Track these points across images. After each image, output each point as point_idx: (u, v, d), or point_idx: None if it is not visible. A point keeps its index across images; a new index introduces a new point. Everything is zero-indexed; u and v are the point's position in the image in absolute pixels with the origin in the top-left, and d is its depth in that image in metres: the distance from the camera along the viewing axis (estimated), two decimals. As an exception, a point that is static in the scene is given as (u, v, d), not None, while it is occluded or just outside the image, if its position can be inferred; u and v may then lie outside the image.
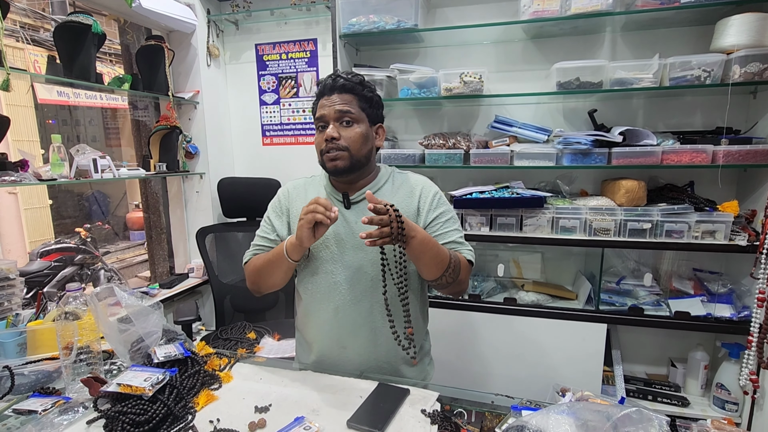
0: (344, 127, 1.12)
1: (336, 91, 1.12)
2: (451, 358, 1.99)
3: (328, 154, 1.11)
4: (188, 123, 2.36)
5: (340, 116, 1.11)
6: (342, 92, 1.12)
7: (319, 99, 1.16)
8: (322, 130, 1.13)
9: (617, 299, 1.89)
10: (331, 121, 1.11)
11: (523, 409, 0.99)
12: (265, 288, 1.21)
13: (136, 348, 1.13)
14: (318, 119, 1.15)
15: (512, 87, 2.04)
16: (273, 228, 1.23)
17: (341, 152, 1.11)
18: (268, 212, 1.26)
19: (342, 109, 1.11)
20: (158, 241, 2.59)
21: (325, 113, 1.12)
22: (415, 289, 1.22)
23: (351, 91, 1.13)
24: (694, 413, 1.79)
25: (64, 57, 1.66)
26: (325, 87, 1.14)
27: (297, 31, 2.36)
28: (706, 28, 1.77)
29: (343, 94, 1.12)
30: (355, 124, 1.12)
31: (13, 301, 1.47)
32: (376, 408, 0.98)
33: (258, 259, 1.21)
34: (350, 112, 1.11)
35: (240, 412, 0.97)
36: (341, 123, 1.12)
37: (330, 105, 1.12)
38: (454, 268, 1.08)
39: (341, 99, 1.12)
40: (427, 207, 1.18)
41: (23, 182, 1.42)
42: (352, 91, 1.13)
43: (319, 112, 1.14)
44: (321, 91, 1.15)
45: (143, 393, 0.92)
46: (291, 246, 1.08)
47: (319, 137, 1.14)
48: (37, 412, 0.96)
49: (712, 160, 1.67)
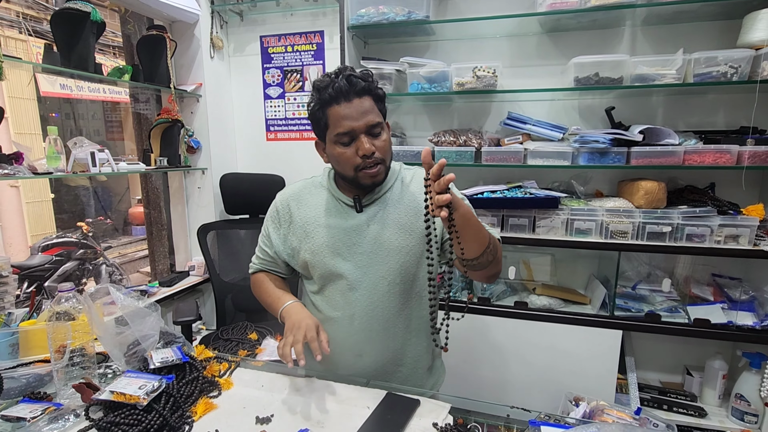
0: (374, 138, 1.02)
1: (355, 95, 0.99)
2: (460, 363, 1.93)
3: (367, 171, 1.02)
4: (190, 116, 2.30)
5: (370, 129, 1.01)
6: (361, 95, 1.00)
7: (330, 105, 1.01)
8: (348, 143, 1.02)
9: (633, 305, 1.82)
10: (362, 135, 1.01)
11: (542, 425, 0.92)
12: None
13: (132, 351, 1.07)
14: (344, 134, 1.00)
15: (526, 83, 1.97)
16: (271, 243, 1.20)
17: (380, 166, 1.04)
18: (267, 223, 1.22)
19: (373, 122, 1.01)
20: (159, 238, 2.54)
21: (354, 127, 0.99)
22: None
23: (369, 92, 1.01)
24: (712, 424, 1.73)
25: (61, 45, 1.60)
26: (340, 91, 0.99)
27: (303, 23, 2.29)
28: (732, 23, 1.69)
29: (363, 97, 1.00)
30: (382, 131, 1.04)
31: (5, 299, 1.41)
32: (384, 420, 0.92)
33: (262, 288, 1.22)
34: (380, 123, 1.02)
35: (240, 423, 0.92)
36: (370, 134, 1.02)
37: (357, 117, 0.99)
38: (494, 245, 0.99)
39: (364, 106, 1.00)
40: None
41: (16, 175, 1.36)
42: (370, 91, 1.02)
43: (343, 125, 0.99)
44: (334, 95, 0.99)
45: (138, 402, 0.87)
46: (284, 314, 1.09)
47: (349, 152, 1.02)
48: (25, 420, 0.91)
49: (737, 161, 1.60)
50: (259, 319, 2.19)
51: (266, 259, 1.22)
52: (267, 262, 1.23)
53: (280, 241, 1.18)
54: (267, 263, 1.23)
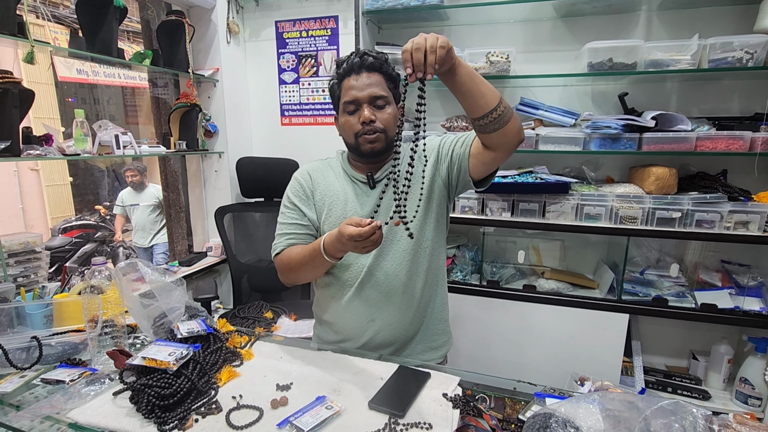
0: (377, 110, 1.09)
1: (365, 69, 1.08)
2: (469, 344, 1.98)
3: (366, 137, 1.09)
4: (207, 101, 2.34)
5: (373, 100, 1.09)
6: (371, 71, 1.09)
7: (343, 78, 1.11)
8: (353, 112, 1.10)
9: (641, 289, 1.84)
10: (365, 104, 1.08)
11: (547, 397, 0.97)
12: (301, 282, 1.22)
13: (159, 323, 1.14)
14: (350, 102, 1.10)
15: (539, 68, 1.97)
16: (303, 213, 1.19)
17: (379, 134, 1.10)
18: (291, 198, 1.20)
19: (376, 94, 1.08)
20: (177, 220, 2.61)
21: (358, 96, 1.08)
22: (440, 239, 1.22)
23: (379, 69, 1.10)
24: (715, 407, 1.76)
25: (86, 31, 1.65)
26: (353, 66, 1.09)
27: (318, 8, 2.31)
28: (749, 8, 1.67)
29: (372, 73, 1.09)
30: (387, 105, 1.10)
31: (39, 274, 1.49)
32: (397, 390, 0.97)
33: (293, 255, 1.14)
34: (384, 96, 1.09)
35: (262, 390, 0.97)
36: (374, 105, 1.09)
37: (362, 88, 1.08)
38: (506, 104, 1.00)
39: (371, 80, 1.08)
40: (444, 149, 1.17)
41: (48, 156, 1.42)
42: (380, 69, 1.10)
43: (349, 93, 1.09)
44: (347, 69, 1.10)
45: (168, 367, 0.93)
46: (332, 248, 1.01)
47: (353, 119, 1.10)
48: (64, 382, 0.98)
49: (750, 147, 1.60)
50: (275, 299, 2.27)
51: (297, 233, 1.19)
52: (297, 235, 1.19)
53: (310, 210, 1.19)
54: (297, 236, 1.19)
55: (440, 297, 1.27)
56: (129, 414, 0.87)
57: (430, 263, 1.20)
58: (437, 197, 1.18)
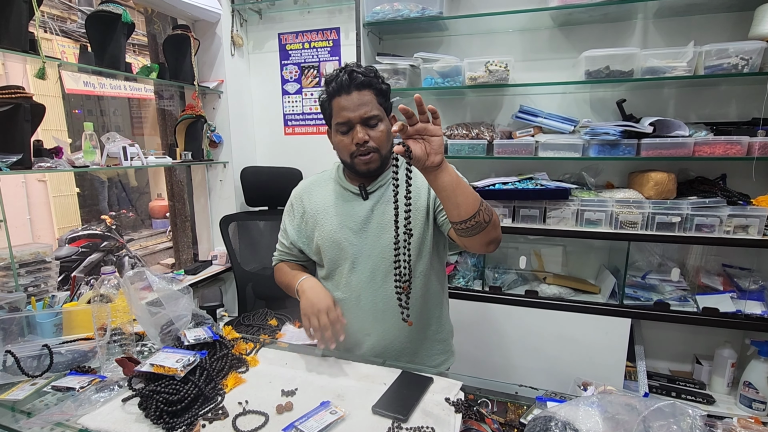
0: (370, 129, 1.11)
1: (354, 88, 1.08)
2: (471, 350, 1.99)
3: (360, 158, 1.12)
4: (212, 112, 2.39)
5: (366, 120, 1.10)
6: (361, 89, 1.08)
7: (334, 97, 1.10)
8: (346, 132, 1.12)
9: (642, 294, 1.85)
10: (357, 125, 1.09)
11: (548, 401, 0.98)
12: None
13: (167, 330, 1.16)
14: (342, 123, 1.10)
15: (538, 76, 2.00)
16: (287, 234, 1.30)
17: (373, 154, 1.11)
18: (284, 217, 1.33)
19: (368, 114, 1.09)
20: (183, 229, 2.65)
21: (350, 117, 1.08)
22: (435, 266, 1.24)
23: (369, 86, 1.09)
24: (720, 411, 1.76)
25: (95, 46, 1.70)
26: (342, 84, 1.08)
27: (320, 20, 2.35)
28: (743, 15, 1.70)
29: (362, 90, 1.08)
30: (379, 123, 1.12)
31: (49, 283, 1.52)
32: (400, 395, 0.98)
33: (280, 274, 1.32)
34: (376, 115, 1.10)
35: (267, 395, 0.99)
36: (367, 125, 1.10)
37: (353, 108, 1.08)
38: (487, 207, 0.97)
39: (362, 98, 1.08)
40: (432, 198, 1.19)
41: (58, 168, 1.46)
42: (370, 86, 1.10)
43: (341, 115, 1.09)
44: (336, 88, 1.09)
45: (175, 374, 0.95)
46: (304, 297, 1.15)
47: (346, 139, 1.11)
48: (74, 389, 1.00)
49: (747, 152, 1.62)
50: (279, 306, 2.28)
51: (283, 249, 1.33)
52: (284, 252, 1.33)
53: (294, 231, 1.29)
54: (284, 253, 1.34)
55: (437, 319, 1.27)
56: (138, 420, 0.89)
57: (426, 290, 1.22)
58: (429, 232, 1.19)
